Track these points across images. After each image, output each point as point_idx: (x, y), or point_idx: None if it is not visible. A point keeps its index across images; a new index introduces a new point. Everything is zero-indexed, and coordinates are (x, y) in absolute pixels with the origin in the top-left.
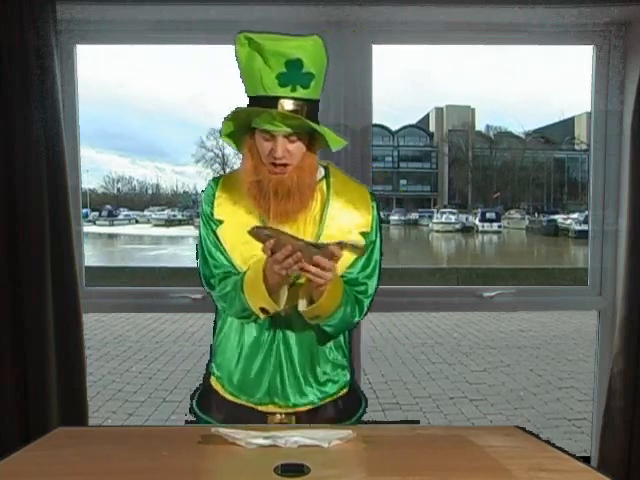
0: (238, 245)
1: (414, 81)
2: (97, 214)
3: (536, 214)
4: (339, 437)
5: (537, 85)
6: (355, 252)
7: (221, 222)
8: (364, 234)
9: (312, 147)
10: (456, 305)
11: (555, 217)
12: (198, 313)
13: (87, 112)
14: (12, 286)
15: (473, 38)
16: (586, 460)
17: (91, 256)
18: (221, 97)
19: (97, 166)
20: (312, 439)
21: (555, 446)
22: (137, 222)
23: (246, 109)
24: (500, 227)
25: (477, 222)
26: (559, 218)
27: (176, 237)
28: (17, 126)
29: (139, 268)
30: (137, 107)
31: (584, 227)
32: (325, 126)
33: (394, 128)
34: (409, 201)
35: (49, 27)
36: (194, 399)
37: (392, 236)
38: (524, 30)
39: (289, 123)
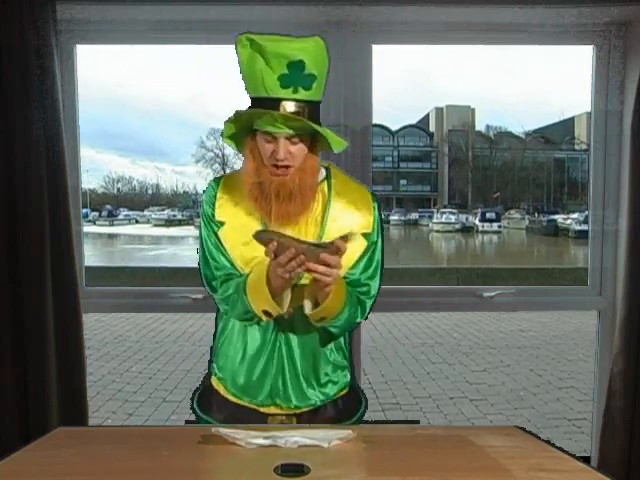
0: (239, 246)
1: (414, 81)
2: (97, 214)
3: (536, 214)
4: (339, 437)
5: (537, 85)
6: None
7: (222, 224)
8: (366, 235)
9: (314, 149)
10: (456, 305)
11: (555, 217)
12: (198, 313)
13: (87, 112)
14: (12, 286)
15: (473, 38)
16: (586, 460)
17: (91, 256)
18: (221, 97)
19: (97, 166)
20: (312, 439)
21: (555, 446)
22: (137, 222)
23: (248, 111)
24: (500, 227)
25: (477, 222)
26: (559, 218)
27: (176, 237)
28: (17, 126)
29: (139, 268)
30: (137, 107)
31: (584, 227)
32: (325, 126)
33: (394, 128)
34: (409, 201)
35: (49, 27)
36: (194, 399)
37: (392, 236)
38: (524, 30)
39: (291, 125)
